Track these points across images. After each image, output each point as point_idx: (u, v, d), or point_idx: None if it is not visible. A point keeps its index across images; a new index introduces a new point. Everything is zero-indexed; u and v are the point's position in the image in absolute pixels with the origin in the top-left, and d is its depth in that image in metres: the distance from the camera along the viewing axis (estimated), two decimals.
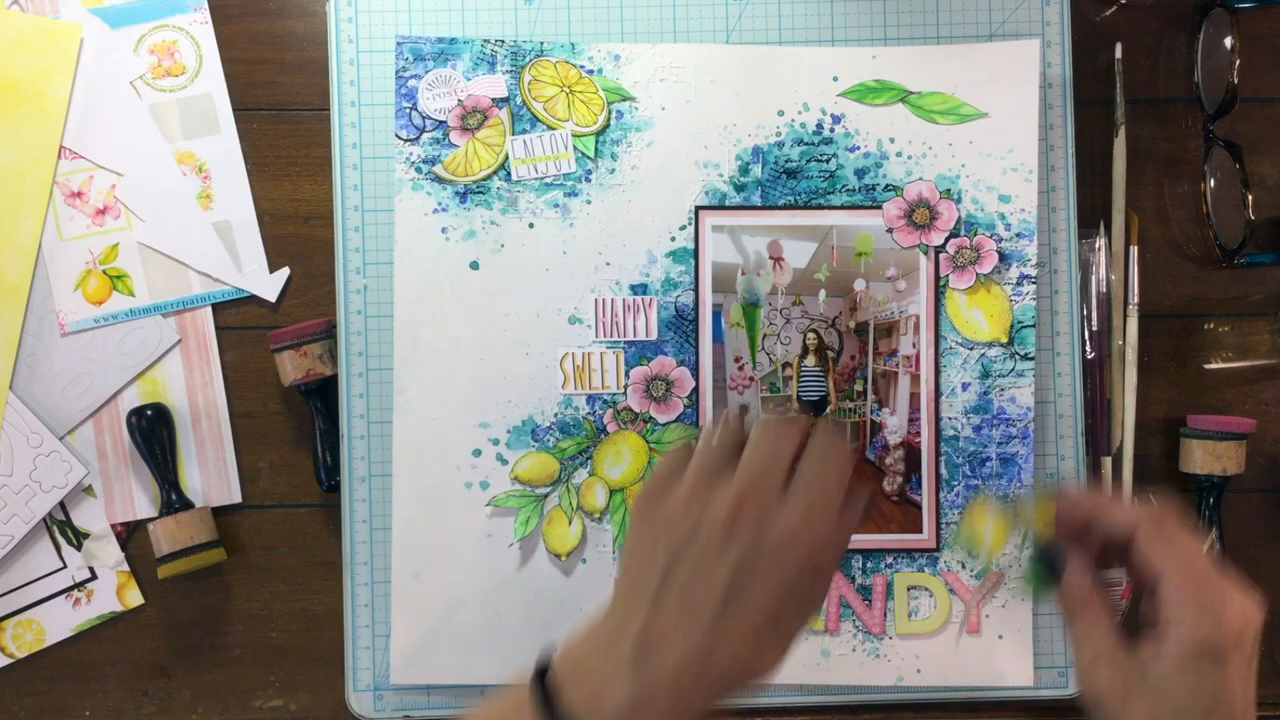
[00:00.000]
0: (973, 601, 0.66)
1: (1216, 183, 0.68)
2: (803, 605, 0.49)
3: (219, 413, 0.67)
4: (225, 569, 0.67)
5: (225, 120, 0.68)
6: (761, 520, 0.48)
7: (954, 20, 0.67)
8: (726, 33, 0.67)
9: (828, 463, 0.49)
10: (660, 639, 0.47)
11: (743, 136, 0.66)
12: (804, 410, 0.66)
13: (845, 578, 0.66)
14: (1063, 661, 0.66)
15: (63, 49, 0.67)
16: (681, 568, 0.48)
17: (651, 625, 0.48)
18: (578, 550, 0.66)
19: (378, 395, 0.66)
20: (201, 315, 0.67)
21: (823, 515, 0.48)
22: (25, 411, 0.66)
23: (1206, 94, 0.68)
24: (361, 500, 0.65)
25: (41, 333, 0.67)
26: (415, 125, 0.66)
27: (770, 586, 0.47)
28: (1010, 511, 0.56)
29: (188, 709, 0.67)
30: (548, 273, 0.66)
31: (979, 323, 0.66)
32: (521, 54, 0.66)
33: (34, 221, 0.67)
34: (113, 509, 0.67)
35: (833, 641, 0.66)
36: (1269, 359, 0.69)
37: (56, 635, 0.67)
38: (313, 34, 0.68)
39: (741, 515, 0.48)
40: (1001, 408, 0.66)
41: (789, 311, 0.66)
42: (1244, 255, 0.66)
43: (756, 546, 0.47)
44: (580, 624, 0.49)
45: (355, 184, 0.66)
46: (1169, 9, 0.69)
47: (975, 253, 0.66)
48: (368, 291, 0.66)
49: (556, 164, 0.66)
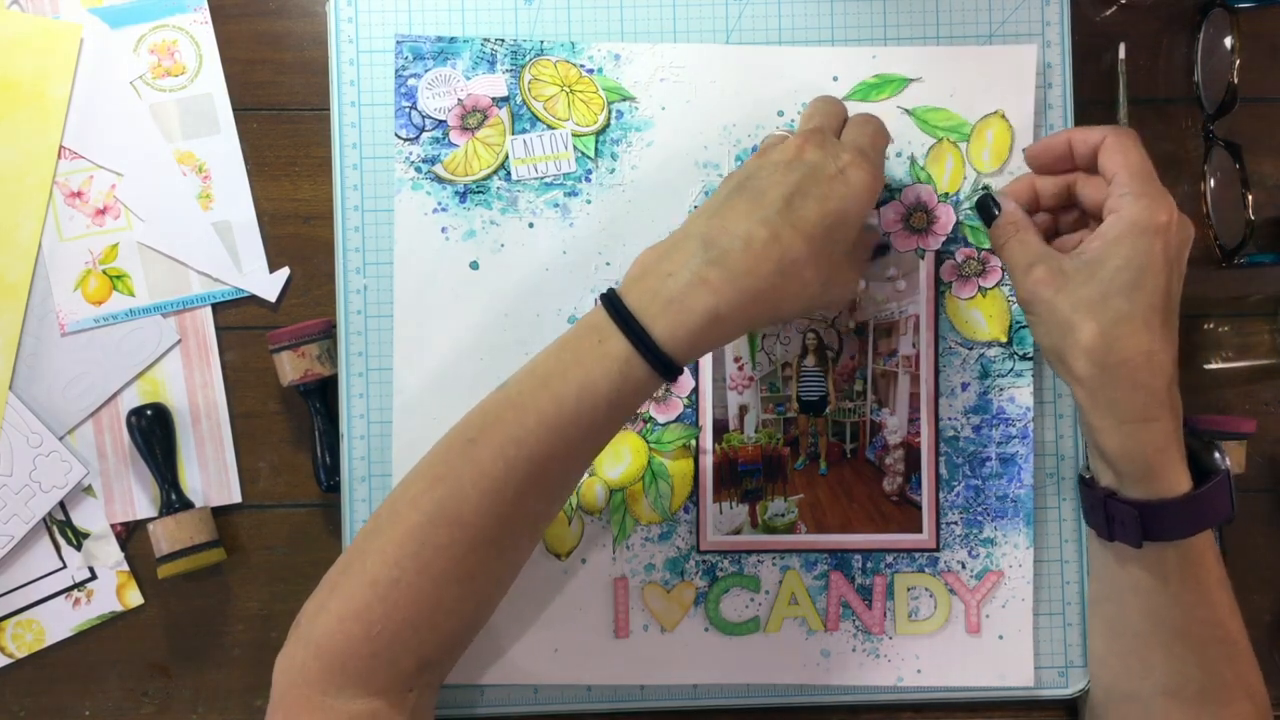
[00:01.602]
0: (973, 601, 0.66)
1: (1216, 183, 0.68)
2: (844, 254, 0.57)
3: (219, 413, 0.67)
4: (225, 569, 0.68)
5: (225, 120, 0.68)
6: (821, 153, 0.56)
7: (954, 20, 0.67)
8: (726, 33, 0.67)
9: (867, 124, 0.59)
10: (727, 227, 0.54)
11: (743, 136, 0.66)
12: (804, 410, 0.66)
13: (845, 578, 0.66)
14: (1062, 661, 0.66)
15: (63, 49, 0.67)
16: (750, 186, 0.56)
17: (716, 222, 0.55)
18: (577, 550, 0.66)
19: (378, 395, 0.66)
20: (201, 315, 0.67)
21: (869, 161, 0.56)
22: (25, 411, 0.66)
23: (1206, 94, 0.68)
24: (361, 500, 0.65)
25: (41, 333, 0.67)
26: (415, 125, 0.66)
27: (824, 208, 0.54)
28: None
29: (188, 709, 0.67)
30: (548, 273, 0.66)
31: (978, 323, 0.66)
32: (521, 53, 0.66)
33: (34, 221, 0.67)
34: (112, 509, 0.67)
35: (832, 641, 0.66)
36: (1269, 359, 0.69)
37: (56, 635, 0.67)
38: (313, 34, 0.68)
39: (805, 148, 0.56)
40: (1001, 408, 0.66)
41: None
42: (1244, 255, 0.66)
43: (816, 171, 0.55)
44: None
45: (355, 184, 0.66)
46: (1169, 9, 0.69)
47: (981, 265, 0.66)
48: (368, 291, 0.66)
49: (556, 164, 0.66)
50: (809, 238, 0.54)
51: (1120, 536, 0.59)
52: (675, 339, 0.52)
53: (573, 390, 0.53)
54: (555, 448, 0.53)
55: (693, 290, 0.52)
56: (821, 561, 0.66)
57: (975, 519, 0.66)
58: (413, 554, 0.53)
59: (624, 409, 0.54)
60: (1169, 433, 0.56)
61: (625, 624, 0.66)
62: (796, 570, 0.66)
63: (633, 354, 0.52)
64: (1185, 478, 0.57)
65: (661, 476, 0.66)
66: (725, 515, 0.66)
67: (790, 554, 0.66)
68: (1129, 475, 0.57)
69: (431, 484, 0.54)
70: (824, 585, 0.66)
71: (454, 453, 0.54)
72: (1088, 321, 0.56)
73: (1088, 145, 0.59)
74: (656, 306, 0.53)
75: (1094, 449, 0.59)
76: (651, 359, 0.52)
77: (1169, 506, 0.56)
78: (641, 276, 0.54)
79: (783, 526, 0.66)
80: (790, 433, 0.66)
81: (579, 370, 0.53)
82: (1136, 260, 0.55)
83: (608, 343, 0.53)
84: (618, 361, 0.53)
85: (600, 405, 0.53)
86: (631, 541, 0.66)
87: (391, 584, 0.53)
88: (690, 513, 0.66)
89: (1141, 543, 0.57)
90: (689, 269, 0.53)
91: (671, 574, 0.66)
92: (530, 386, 0.54)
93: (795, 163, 0.55)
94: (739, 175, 0.57)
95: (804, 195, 0.54)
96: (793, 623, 0.66)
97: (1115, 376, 0.56)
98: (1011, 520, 0.66)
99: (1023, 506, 0.66)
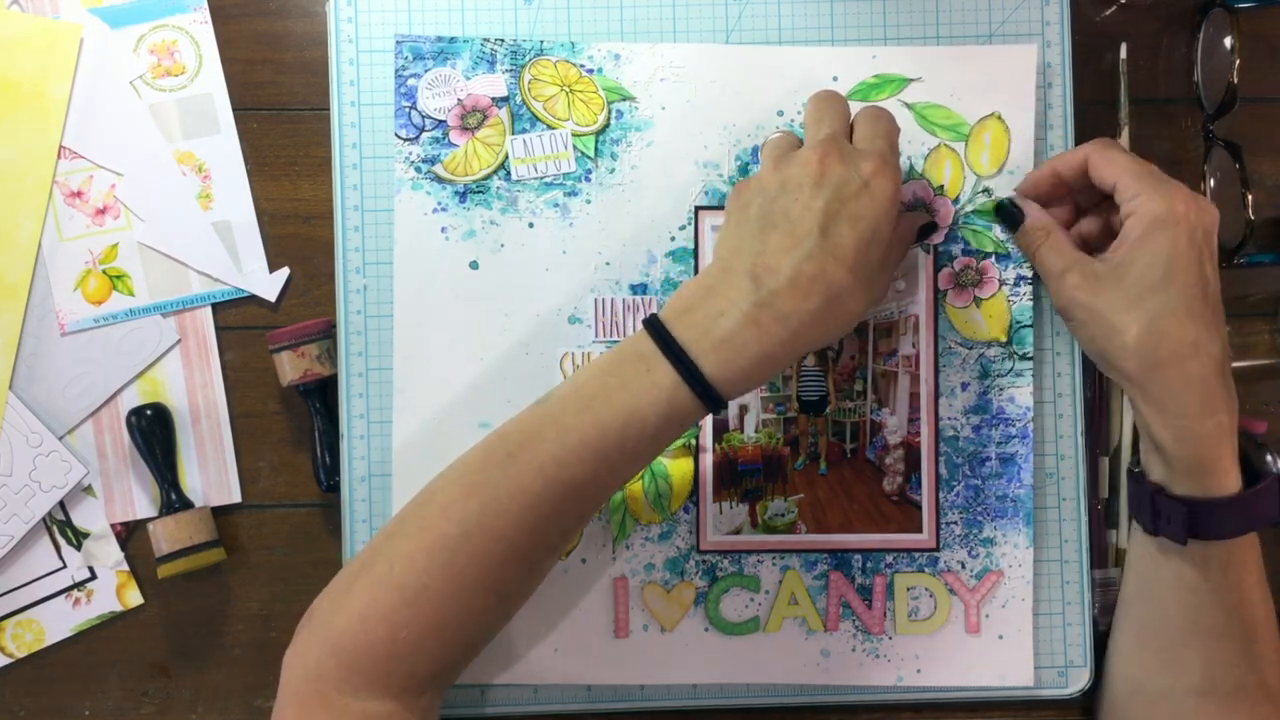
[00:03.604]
0: (973, 601, 0.66)
1: (1216, 183, 0.68)
2: (880, 258, 0.56)
3: (219, 413, 0.67)
4: (225, 569, 0.68)
5: (225, 120, 0.68)
6: (843, 168, 0.55)
7: (954, 20, 0.67)
8: (726, 33, 0.67)
9: (878, 120, 0.58)
10: (771, 265, 0.54)
11: (743, 136, 0.66)
12: (804, 410, 0.66)
13: (845, 578, 0.66)
14: (1062, 661, 0.66)
15: (63, 49, 0.67)
16: (779, 212, 0.55)
17: (760, 259, 0.54)
18: (577, 549, 0.66)
19: (378, 395, 0.66)
20: (201, 315, 0.67)
21: (889, 165, 0.56)
22: (25, 411, 0.66)
23: (1206, 94, 0.68)
24: (361, 500, 0.65)
25: (41, 333, 0.67)
26: (415, 125, 0.66)
27: (858, 230, 0.54)
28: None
29: (188, 709, 0.67)
30: (548, 273, 0.66)
31: (978, 323, 0.66)
32: (521, 53, 0.66)
33: (34, 221, 0.67)
34: (112, 509, 0.67)
35: (832, 641, 0.66)
36: (1269, 359, 0.69)
37: (56, 635, 0.67)
38: (313, 34, 0.68)
39: (826, 163, 0.55)
40: (1001, 407, 0.66)
41: None
42: (1244, 255, 0.66)
43: (842, 190, 0.55)
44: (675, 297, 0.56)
45: (355, 184, 0.66)
46: (1169, 9, 0.69)
47: (979, 275, 0.66)
48: (367, 291, 0.66)
49: (556, 163, 0.66)
50: (851, 267, 0.54)
51: (1166, 532, 0.58)
52: (726, 376, 0.53)
53: (619, 417, 0.53)
54: (596, 471, 0.53)
55: (744, 331, 0.53)
56: (821, 561, 0.66)
57: (975, 519, 0.66)
58: (444, 564, 0.53)
59: (667, 439, 0.54)
60: (1224, 429, 0.56)
61: (625, 624, 0.66)
62: (796, 570, 0.66)
63: (681, 386, 0.53)
64: (1236, 477, 0.57)
65: (661, 476, 0.66)
66: (725, 515, 0.66)
67: (790, 554, 0.66)
68: (1181, 471, 0.57)
69: (466, 494, 0.54)
70: (824, 585, 0.66)
71: (492, 464, 0.54)
72: (1130, 321, 0.56)
73: (1073, 168, 0.60)
74: (707, 343, 0.53)
75: (1147, 443, 0.59)
76: (701, 392, 0.53)
77: (1218, 505, 0.56)
78: (688, 311, 0.54)
79: (783, 526, 0.66)
80: (790, 432, 0.66)
81: (625, 396, 0.53)
82: (1164, 254, 0.55)
83: (656, 373, 0.53)
84: (665, 391, 0.53)
85: (646, 433, 0.53)
86: (631, 541, 0.66)
87: (420, 590, 0.53)
88: (690, 512, 0.66)
89: (1187, 540, 0.57)
90: (739, 309, 0.53)
91: (671, 574, 0.66)
92: (573, 407, 0.54)
93: (821, 183, 0.55)
94: (762, 198, 0.56)
95: (836, 219, 0.54)
96: (793, 623, 0.66)
97: (1165, 372, 0.56)
98: (1011, 520, 0.66)
99: (1023, 506, 0.66)
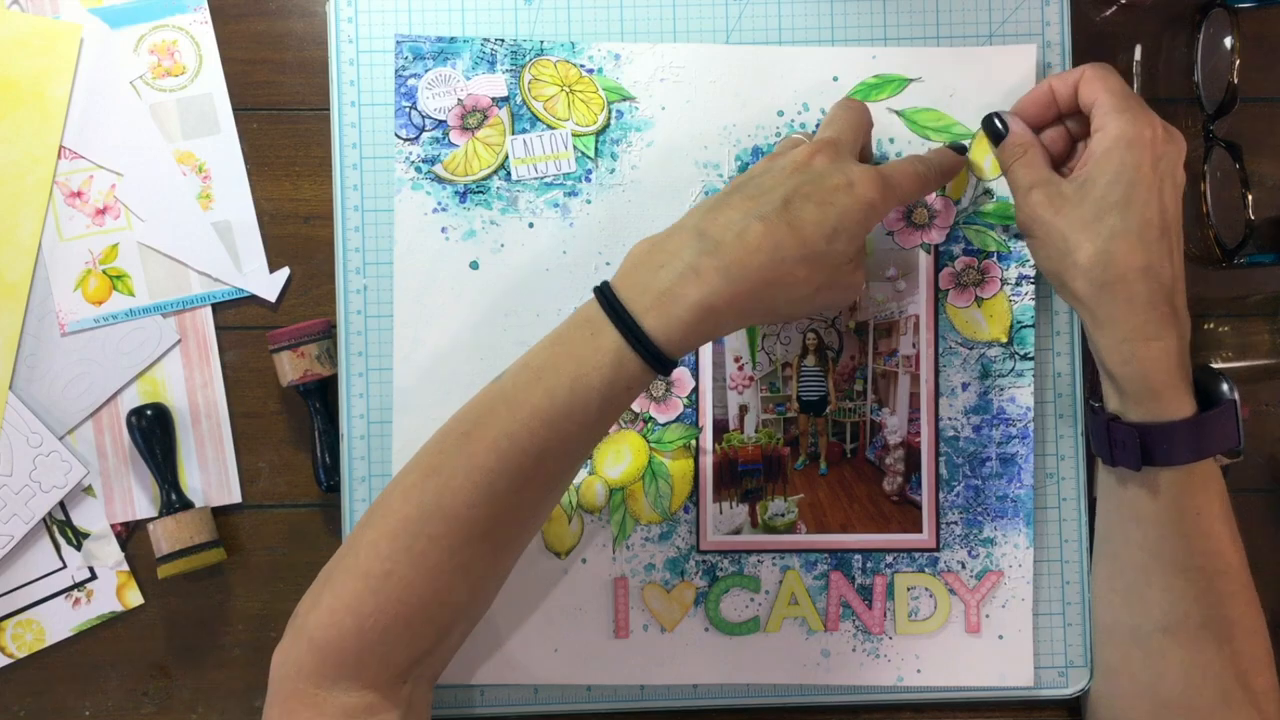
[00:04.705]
0: (973, 601, 0.66)
1: (1216, 183, 0.68)
2: (846, 261, 0.56)
3: (219, 413, 0.67)
4: (225, 569, 0.68)
5: (225, 120, 0.68)
6: (830, 164, 0.55)
7: (954, 20, 0.67)
8: (726, 33, 0.67)
9: (913, 164, 0.59)
10: (721, 220, 0.54)
11: (742, 136, 0.66)
12: (804, 410, 0.66)
13: (845, 578, 0.66)
14: (1062, 661, 0.66)
15: (63, 49, 0.67)
16: (751, 183, 0.56)
17: (711, 215, 0.55)
18: (577, 548, 0.66)
19: (378, 395, 0.66)
20: (201, 315, 0.67)
21: (887, 186, 0.56)
22: (25, 411, 0.66)
23: (1206, 94, 0.68)
24: (361, 500, 0.65)
25: (41, 333, 0.67)
26: (415, 125, 0.66)
27: (824, 213, 0.54)
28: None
29: (188, 709, 0.67)
30: (548, 273, 0.66)
31: (979, 323, 0.66)
32: (521, 53, 0.66)
33: (34, 221, 0.67)
34: (112, 509, 0.67)
35: (832, 641, 0.66)
36: (1269, 359, 0.69)
37: (56, 635, 0.67)
38: (313, 34, 0.68)
39: (816, 156, 0.56)
40: (1001, 408, 0.66)
41: None
42: (1244, 255, 0.66)
43: (821, 179, 0.55)
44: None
45: (355, 184, 0.66)
46: (1169, 9, 0.69)
47: (980, 275, 0.66)
48: (367, 291, 0.66)
49: (556, 163, 0.66)
50: (804, 239, 0.53)
51: (1122, 461, 0.58)
52: (667, 332, 0.52)
53: (565, 383, 0.52)
54: (549, 441, 0.53)
55: (684, 281, 0.52)
56: (821, 561, 0.66)
57: (975, 519, 0.66)
58: (405, 547, 0.53)
59: (617, 403, 0.54)
60: (1172, 352, 0.56)
61: (625, 624, 0.66)
62: (796, 570, 0.66)
63: (625, 347, 0.52)
64: (1189, 402, 0.57)
65: (661, 476, 0.66)
66: (725, 515, 0.66)
67: (790, 554, 0.66)
68: (1132, 395, 0.57)
69: (424, 476, 0.54)
70: (824, 585, 0.66)
71: (448, 445, 0.54)
72: (1084, 241, 0.56)
73: (1068, 85, 0.60)
74: (648, 299, 0.52)
75: (1102, 371, 0.59)
76: (643, 352, 0.52)
77: (1170, 429, 0.56)
78: (633, 269, 0.54)
79: (783, 526, 0.66)
80: (790, 433, 0.66)
81: (571, 363, 0.53)
82: (1126, 175, 0.56)
83: (600, 336, 0.53)
84: (610, 355, 0.52)
85: (593, 399, 0.53)
86: (631, 541, 0.66)
87: (384, 576, 0.52)
88: (690, 512, 0.66)
89: (1140, 465, 0.57)
90: (681, 260, 0.53)
91: (671, 574, 0.66)
92: (524, 380, 0.54)
93: (803, 168, 0.55)
94: (744, 175, 0.57)
95: (805, 198, 0.54)
96: (793, 623, 0.66)
97: (1113, 293, 0.56)
98: (1011, 520, 0.66)
99: (1023, 506, 0.66)
